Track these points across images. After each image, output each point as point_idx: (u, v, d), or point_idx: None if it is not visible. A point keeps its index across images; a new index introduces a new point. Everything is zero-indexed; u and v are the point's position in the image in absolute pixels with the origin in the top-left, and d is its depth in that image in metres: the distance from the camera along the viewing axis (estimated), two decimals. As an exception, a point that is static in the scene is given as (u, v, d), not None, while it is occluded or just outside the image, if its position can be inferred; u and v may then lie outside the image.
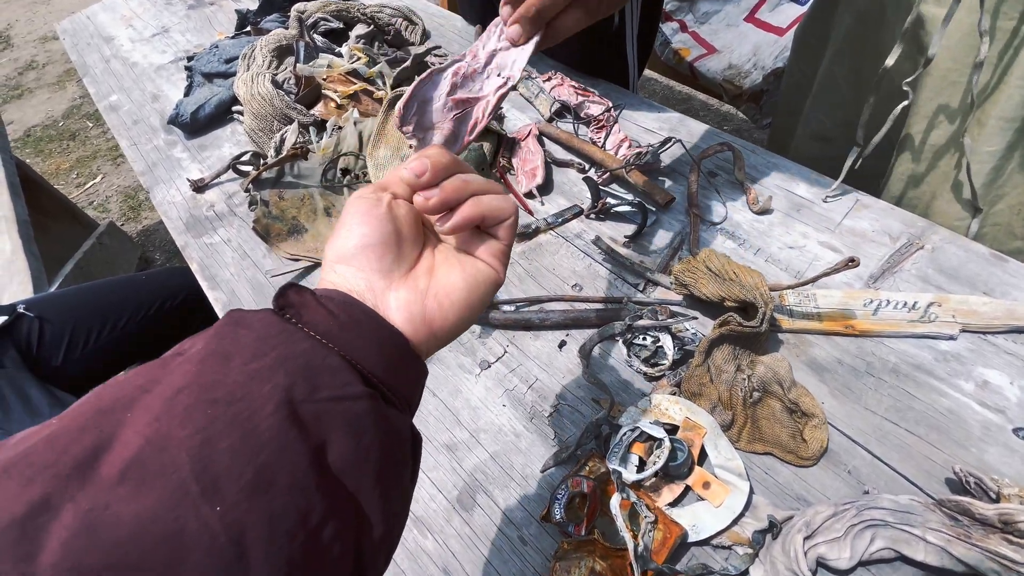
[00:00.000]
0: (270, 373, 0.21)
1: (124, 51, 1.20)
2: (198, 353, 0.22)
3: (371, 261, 0.28)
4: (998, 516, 0.40)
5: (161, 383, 0.21)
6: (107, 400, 0.20)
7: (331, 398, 0.22)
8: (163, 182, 0.87)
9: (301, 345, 0.23)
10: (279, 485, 0.19)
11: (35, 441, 0.18)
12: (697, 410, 0.49)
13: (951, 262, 0.59)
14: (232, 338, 0.23)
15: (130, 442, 0.18)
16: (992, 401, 0.49)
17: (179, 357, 0.22)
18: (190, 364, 0.21)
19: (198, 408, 0.20)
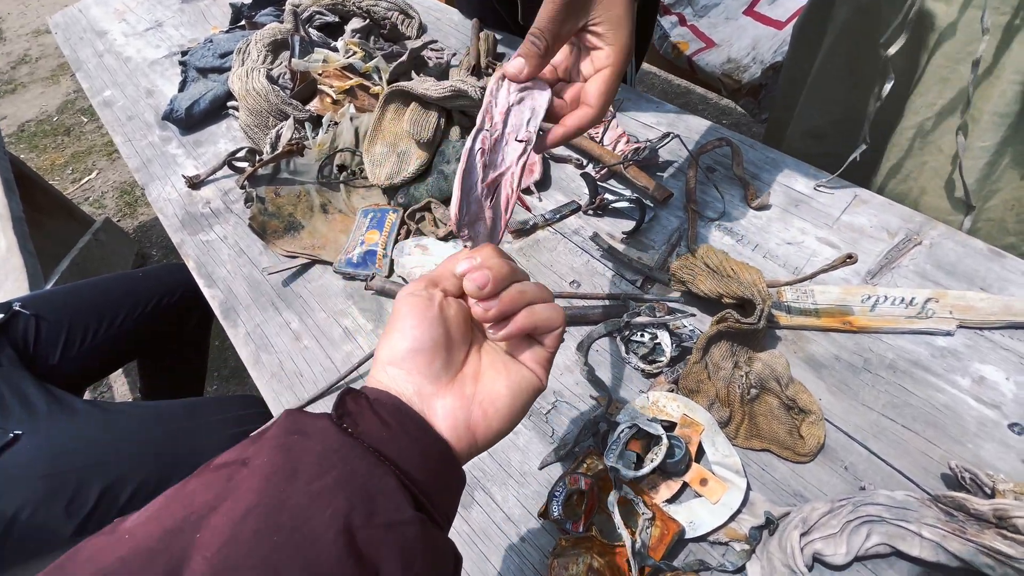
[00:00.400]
0: (331, 496, 0.22)
1: (117, 45, 1.19)
2: (263, 467, 0.22)
3: (421, 366, 0.28)
4: (993, 511, 0.40)
5: (228, 500, 0.21)
6: (178, 517, 0.20)
7: (386, 524, 0.22)
8: (158, 179, 0.87)
9: (360, 464, 0.23)
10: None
11: (110, 561, 0.19)
12: (695, 407, 0.49)
13: (949, 258, 0.59)
14: (297, 451, 0.23)
15: (199, 570, 0.19)
16: (988, 397, 0.50)
17: (244, 469, 0.22)
18: (256, 480, 0.22)
19: (264, 535, 0.20)
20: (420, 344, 0.28)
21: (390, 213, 0.72)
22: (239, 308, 0.69)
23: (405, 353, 0.28)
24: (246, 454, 0.23)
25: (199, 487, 0.22)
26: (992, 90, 0.54)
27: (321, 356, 0.63)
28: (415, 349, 0.28)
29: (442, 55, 0.92)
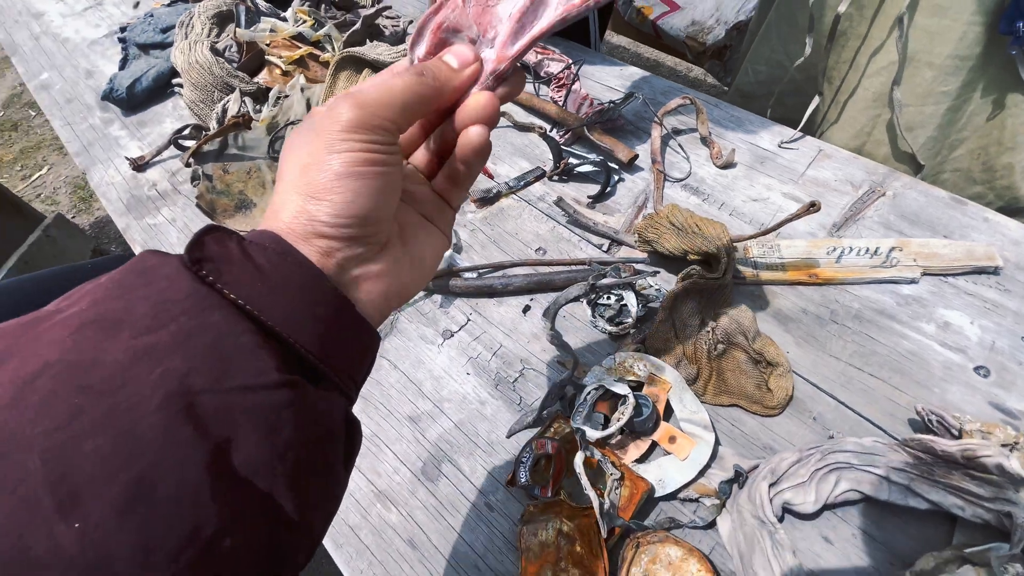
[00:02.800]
0: (164, 354, 0.17)
1: (55, 27, 1.12)
2: (77, 316, 0.18)
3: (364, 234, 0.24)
4: (960, 452, 0.40)
5: (19, 356, 0.16)
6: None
7: (241, 387, 0.18)
8: (100, 162, 0.82)
9: (212, 316, 0.19)
10: (160, 497, 0.16)
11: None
12: (662, 366, 0.48)
13: (911, 207, 0.59)
14: (130, 298, 0.18)
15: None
16: (953, 341, 0.50)
17: (57, 316, 0.18)
18: (63, 330, 0.17)
19: (61, 397, 0.16)
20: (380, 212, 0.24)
21: (347, 186, 0.69)
22: (191, 292, 0.65)
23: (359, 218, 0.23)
24: (69, 299, 0.19)
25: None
26: (949, 33, 0.53)
27: (279, 336, 0.60)
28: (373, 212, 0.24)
29: (398, 23, 0.88)
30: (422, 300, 0.60)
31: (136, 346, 0.17)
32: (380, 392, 0.54)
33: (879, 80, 0.60)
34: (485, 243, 0.64)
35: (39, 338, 0.17)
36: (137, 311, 0.18)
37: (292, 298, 0.21)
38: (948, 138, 0.60)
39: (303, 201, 0.23)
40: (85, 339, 0.17)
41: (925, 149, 0.61)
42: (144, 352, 0.17)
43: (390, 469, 0.49)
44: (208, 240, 0.21)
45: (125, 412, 0.16)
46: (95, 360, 0.17)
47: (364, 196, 0.23)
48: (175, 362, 0.17)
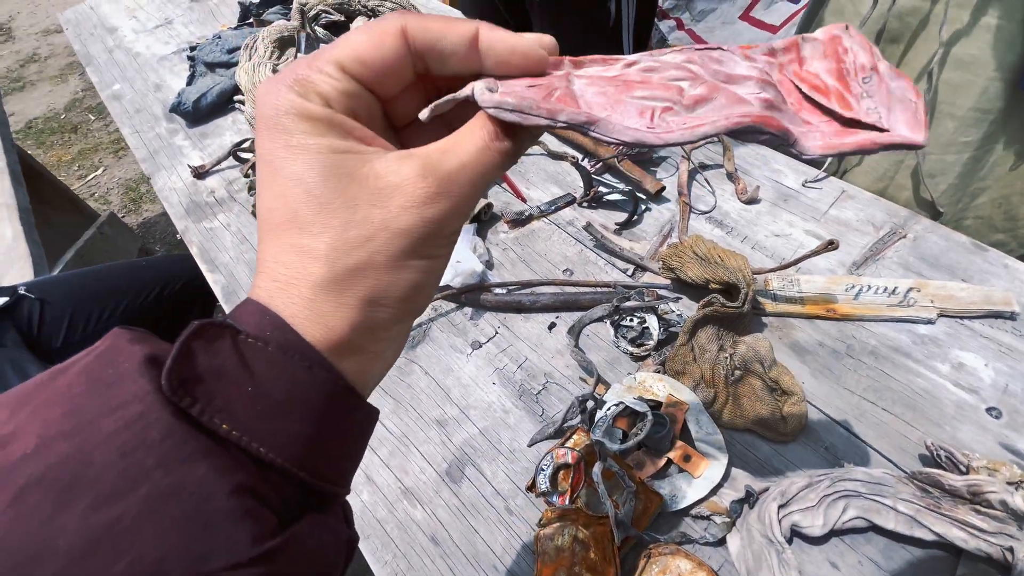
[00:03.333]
0: (133, 535, 0.13)
1: (127, 42, 1.22)
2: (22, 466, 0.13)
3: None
4: (967, 487, 0.42)
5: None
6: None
7: (226, 568, 0.14)
8: (164, 168, 0.89)
9: (197, 470, 0.14)
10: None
11: None
12: (680, 387, 0.51)
13: (932, 250, 0.60)
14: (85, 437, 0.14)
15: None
16: (967, 382, 0.51)
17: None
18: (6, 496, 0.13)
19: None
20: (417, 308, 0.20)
21: (389, 202, 0.73)
22: (241, 293, 0.70)
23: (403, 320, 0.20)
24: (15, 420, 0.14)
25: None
26: (971, 88, 0.56)
27: (319, 338, 0.64)
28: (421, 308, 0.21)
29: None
30: (454, 312, 0.64)
31: (93, 525, 0.13)
32: (411, 395, 0.58)
33: None
34: (515, 261, 0.68)
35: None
36: (97, 461, 0.13)
37: (303, 418, 0.17)
38: (969, 186, 0.62)
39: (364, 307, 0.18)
40: (27, 513, 0.13)
41: (946, 196, 0.64)
42: (104, 531, 0.13)
43: (417, 468, 0.53)
44: (197, 348, 0.16)
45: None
46: (40, 550, 0.12)
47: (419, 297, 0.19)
48: (146, 548, 0.13)
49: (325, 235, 0.17)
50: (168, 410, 0.15)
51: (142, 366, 0.15)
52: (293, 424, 0.16)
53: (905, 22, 0.59)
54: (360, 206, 0.17)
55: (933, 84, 0.59)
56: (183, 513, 0.14)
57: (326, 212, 0.17)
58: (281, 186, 0.17)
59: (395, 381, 0.59)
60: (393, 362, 0.21)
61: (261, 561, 0.15)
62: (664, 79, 0.20)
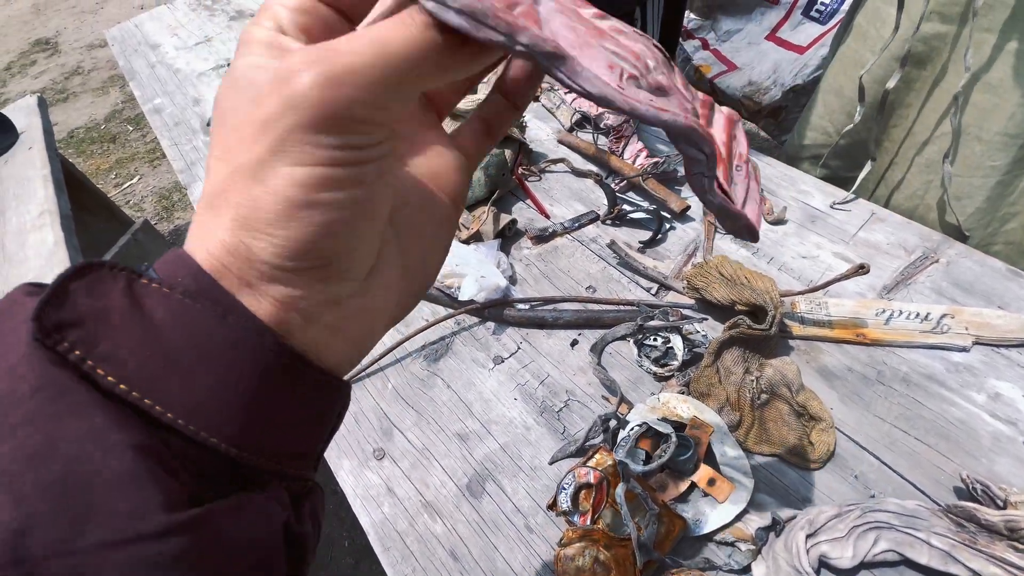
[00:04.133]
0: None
1: (169, 58, 1.27)
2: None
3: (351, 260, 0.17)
4: (1004, 523, 0.40)
5: None
6: None
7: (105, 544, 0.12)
8: (200, 180, 0.92)
9: (69, 425, 0.13)
10: None
11: None
12: (705, 409, 0.50)
13: (966, 276, 0.59)
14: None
15: None
16: (1004, 413, 0.49)
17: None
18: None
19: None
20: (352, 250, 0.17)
21: (416, 217, 0.75)
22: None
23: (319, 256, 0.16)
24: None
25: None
26: (999, 112, 0.55)
27: (344, 349, 0.65)
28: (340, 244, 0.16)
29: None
30: (477, 326, 0.65)
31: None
32: (433, 408, 0.58)
33: (932, 149, 0.63)
34: (539, 277, 0.68)
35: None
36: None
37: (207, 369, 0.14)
38: (999, 211, 0.61)
39: (236, 229, 0.15)
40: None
41: (973, 219, 0.62)
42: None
43: (438, 482, 0.53)
44: (76, 290, 0.13)
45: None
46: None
47: (330, 233, 0.15)
48: (3, 514, 0.12)
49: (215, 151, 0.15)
50: (45, 360, 0.13)
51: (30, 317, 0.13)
52: (200, 379, 0.14)
53: (931, 46, 0.58)
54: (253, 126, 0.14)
55: (960, 108, 0.58)
56: (52, 477, 0.12)
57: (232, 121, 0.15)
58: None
59: (417, 393, 0.59)
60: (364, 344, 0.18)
61: (151, 539, 0.13)
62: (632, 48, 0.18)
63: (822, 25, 1.21)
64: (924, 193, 0.66)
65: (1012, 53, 0.52)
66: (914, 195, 0.69)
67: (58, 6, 3.89)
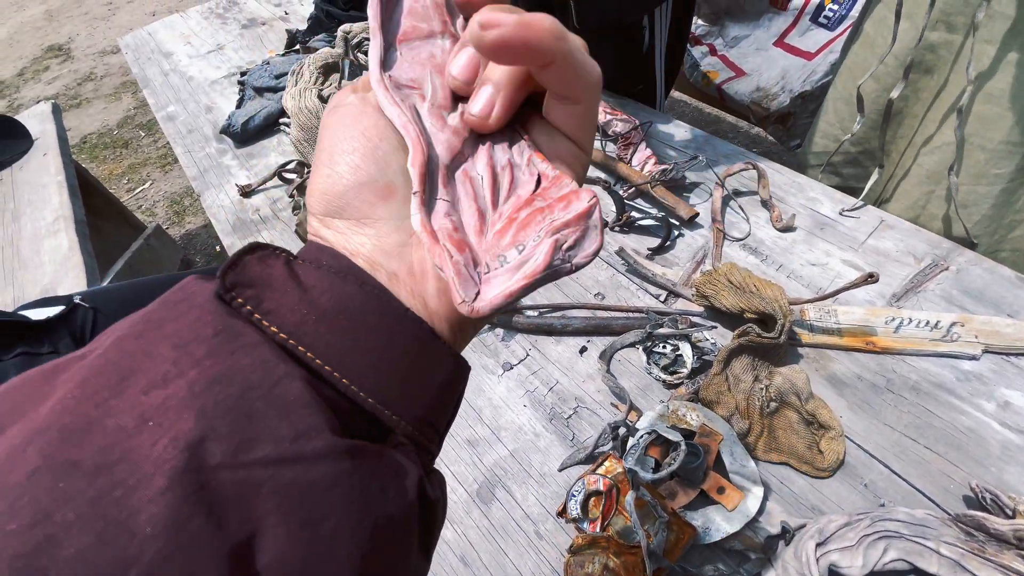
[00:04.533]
0: (176, 414, 0.13)
1: (182, 66, 1.29)
2: (92, 365, 0.14)
3: (373, 206, 0.19)
4: (1013, 532, 0.40)
5: (25, 416, 0.13)
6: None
7: (271, 460, 0.14)
8: (213, 187, 0.93)
9: (242, 359, 0.15)
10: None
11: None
12: (714, 417, 0.51)
13: (976, 284, 0.59)
14: (150, 338, 0.15)
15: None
16: (1014, 422, 0.49)
17: (76, 364, 0.14)
18: (70, 385, 0.14)
19: (44, 478, 0.12)
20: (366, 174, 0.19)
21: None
22: (281, 308, 0.73)
23: (345, 189, 0.19)
24: (96, 342, 0.15)
25: (7, 392, 0.14)
26: (1002, 121, 0.56)
27: (355, 355, 0.66)
28: (358, 182, 0.19)
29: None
30: (486, 332, 0.65)
31: (144, 404, 0.13)
32: (444, 415, 0.59)
33: (933, 158, 0.63)
34: (547, 285, 0.69)
35: (51, 394, 0.14)
36: (157, 355, 0.14)
37: (352, 328, 0.16)
38: (1005, 218, 0.61)
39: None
40: (87, 396, 0.13)
41: (980, 226, 0.63)
42: (153, 412, 0.13)
43: (448, 489, 0.53)
44: (250, 260, 0.16)
45: (119, 499, 0.12)
46: (91, 425, 0.13)
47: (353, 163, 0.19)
48: (186, 424, 0.13)
49: None
50: (223, 312, 0.15)
51: (210, 289, 0.16)
52: (346, 335, 0.16)
53: (939, 55, 0.58)
54: None
55: (963, 118, 0.58)
56: (228, 397, 0.14)
57: None
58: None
59: (428, 400, 0.60)
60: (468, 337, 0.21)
61: (336, 456, 0.15)
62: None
63: (830, 31, 1.21)
64: (926, 203, 0.66)
65: (1013, 64, 0.52)
66: (915, 204, 0.69)
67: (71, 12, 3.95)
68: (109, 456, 0.13)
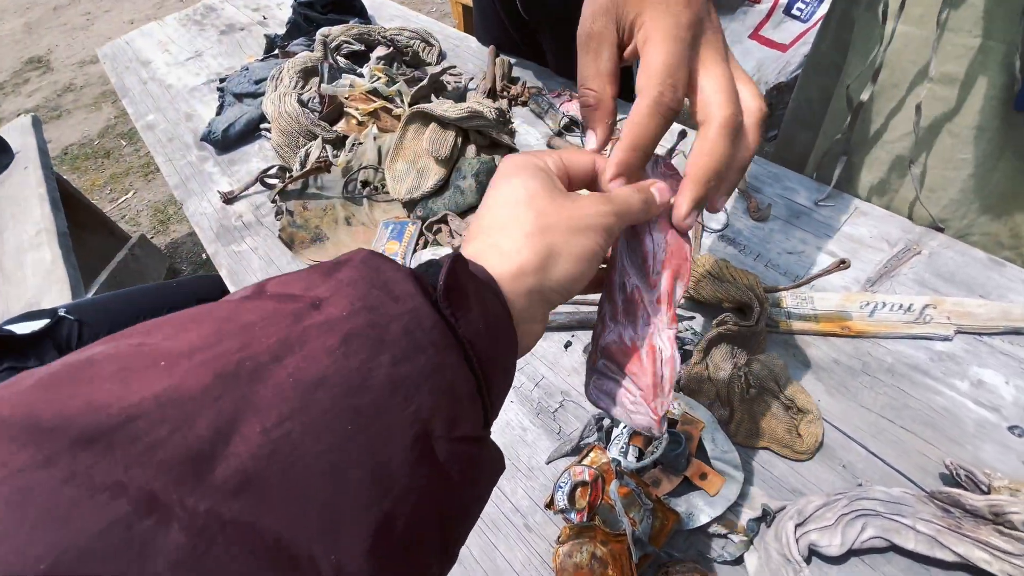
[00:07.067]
0: (415, 389, 0.18)
1: (160, 74, 1.28)
2: (342, 323, 0.18)
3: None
4: (988, 507, 0.41)
5: (298, 353, 0.16)
6: (232, 358, 0.16)
7: (462, 438, 0.19)
8: (195, 195, 0.93)
9: (450, 356, 0.19)
10: (396, 539, 0.16)
11: (139, 399, 0.14)
12: (696, 405, 0.52)
13: (948, 266, 0.60)
14: (383, 314, 0.18)
15: (253, 442, 0.14)
16: (987, 400, 0.51)
17: (315, 314, 0.18)
18: (333, 338, 0.17)
19: (337, 417, 0.16)
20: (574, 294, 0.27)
21: (409, 225, 0.76)
22: (267, 313, 0.73)
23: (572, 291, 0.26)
24: (316, 291, 0.19)
25: (260, 320, 0.17)
26: (969, 106, 0.57)
27: (342, 358, 0.67)
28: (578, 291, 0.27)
29: (460, 79, 0.97)
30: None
31: (394, 375, 0.17)
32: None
33: (903, 144, 0.64)
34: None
35: (309, 338, 0.17)
36: (392, 331, 0.18)
37: (496, 349, 0.22)
38: (973, 203, 0.62)
39: (543, 253, 0.24)
40: (354, 354, 0.17)
41: (948, 211, 0.64)
42: (400, 382, 0.17)
43: (438, 486, 0.54)
44: (459, 271, 0.21)
45: (383, 445, 0.16)
46: (363, 382, 0.17)
47: (585, 277, 0.26)
48: (423, 399, 0.18)
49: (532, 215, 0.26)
50: (433, 308, 0.20)
51: (408, 276, 0.20)
52: (495, 354, 0.22)
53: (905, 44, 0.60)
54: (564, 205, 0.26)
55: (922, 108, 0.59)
56: (445, 384, 0.19)
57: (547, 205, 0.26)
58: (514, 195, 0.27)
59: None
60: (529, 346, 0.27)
61: (482, 441, 0.21)
62: None
63: (804, 23, 1.22)
64: (899, 187, 0.67)
65: (978, 50, 0.54)
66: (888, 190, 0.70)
67: (49, 24, 3.91)
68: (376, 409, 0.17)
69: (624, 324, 0.30)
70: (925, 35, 0.57)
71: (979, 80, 0.55)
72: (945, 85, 0.57)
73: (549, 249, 0.25)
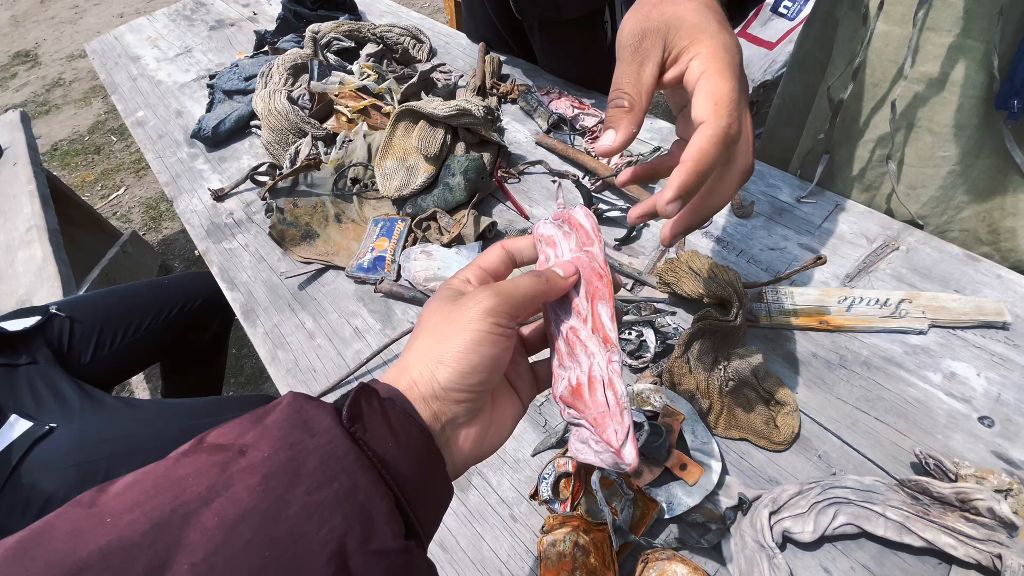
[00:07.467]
0: (330, 512, 0.20)
1: (150, 70, 1.28)
2: (263, 464, 0.20)
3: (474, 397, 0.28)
4: (955, 495, 0.43)
5: (222, 496, 0.19)
6: (165, 508, 0.19)
7: (378, 551, 0.21)
8: (186, 192, 0.93)
9: (362, 478, 0.22)
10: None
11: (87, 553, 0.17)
12: (676, 398, 0.53)
13: (924, 262, 0.62)
14: (300, 450, 0.21)
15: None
16: (959, 391, 0.52)
17: (241, 460, 0.21)
18: (254, 478, 0.20)
19: (256, 547, 0.18)
20: (488, 384, 0.28)
21: (399, 222, 0.77)
22: (258, 310, 0.74)
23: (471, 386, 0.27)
24: (245, 439, 0.22)
25: (192, 473, 0.20)
26: (947, 104, 0.58)
27: (333, 353, 0.68)
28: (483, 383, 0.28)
29: (450, 76, 0.98)
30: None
31: (309, 502, 0.20)
32: (420, 408, 0.60)
33: (882, 143, 0.65)
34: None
35: (234, 481, 0.20)
36: (308, 465, 0.21)
37: (413, 462, 0.24)
38: (952, 199, 0.64)
39: (432, 365, 0.27)
40: (272, 490, 0.20)
41: (928, 207, 0.65)
42: (315, 508, 0.20)
43: (426, 478, 0.55)
44: (361, 401, 0.24)
45: (300, 566, 0.19)
46: (279, 513, 0.19)
47: (479, 369, 0.27)
48: (337, 521, 0.20)
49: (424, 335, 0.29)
50: (345, 435, 0.22)
51: (320, 406, 0.23)
52: (410, 468, 0.24)
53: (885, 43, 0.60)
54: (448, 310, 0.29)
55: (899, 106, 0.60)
56: (357, 504, 0.21)
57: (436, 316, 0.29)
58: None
59: (404, 394, 0.61)
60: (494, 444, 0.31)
61: (408, 550, 0.22)
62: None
63: (790, 21, 1.23)
64: (880, 184, 0.69)
65: (957, 49, 0.55)
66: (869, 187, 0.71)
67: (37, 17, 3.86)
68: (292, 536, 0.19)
69: (571, 367, 0.31)
70: (905, 34, 0.58)
71: (958, 79, 0.56)
72: (925, 84, 0.58)
73: (437, 355, 0.27)
